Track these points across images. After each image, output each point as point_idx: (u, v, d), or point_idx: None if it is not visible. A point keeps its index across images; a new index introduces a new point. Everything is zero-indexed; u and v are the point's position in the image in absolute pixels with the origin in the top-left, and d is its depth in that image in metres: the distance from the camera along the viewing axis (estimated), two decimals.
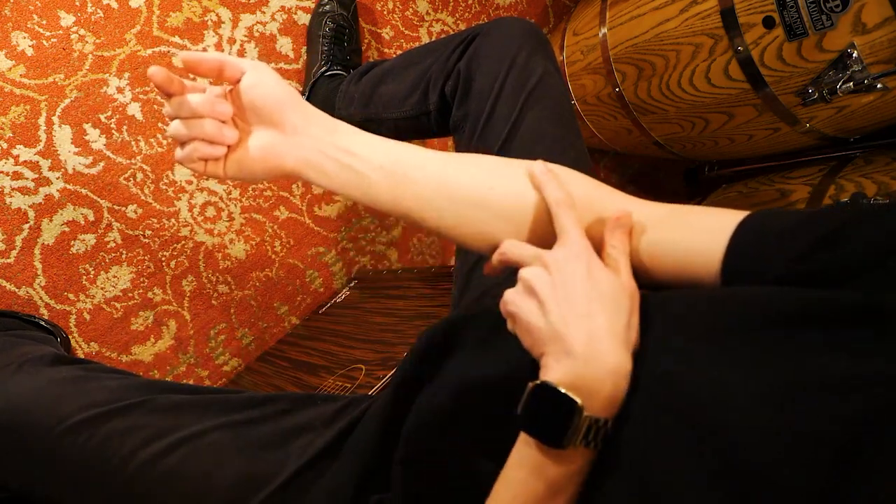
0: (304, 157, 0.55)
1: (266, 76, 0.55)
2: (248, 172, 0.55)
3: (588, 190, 0.56)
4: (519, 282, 0.48)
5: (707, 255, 0.46)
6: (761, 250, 0.44)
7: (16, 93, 1.09)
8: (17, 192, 1.10)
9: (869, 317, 0.35)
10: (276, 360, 1.25)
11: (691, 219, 0.50)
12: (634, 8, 1.22)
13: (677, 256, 0.49)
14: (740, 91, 1.11)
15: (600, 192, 0.56)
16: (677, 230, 0.50)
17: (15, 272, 1.11)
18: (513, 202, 0.54)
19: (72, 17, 1.13)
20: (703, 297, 0.45)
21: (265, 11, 1.29)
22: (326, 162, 0.54)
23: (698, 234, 0.48)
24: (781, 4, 0.98)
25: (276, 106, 0.54)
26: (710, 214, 0.49)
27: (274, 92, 0.54)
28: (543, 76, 0.82)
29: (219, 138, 0.53)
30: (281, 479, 0.60)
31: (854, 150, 1.25)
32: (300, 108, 0.55)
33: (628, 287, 0.46)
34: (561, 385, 0.41)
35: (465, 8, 1.50)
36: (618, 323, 0.43)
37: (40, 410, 0.57)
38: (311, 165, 0.55)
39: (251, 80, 0.54)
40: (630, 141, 1.43)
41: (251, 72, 0.54)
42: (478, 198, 0.54)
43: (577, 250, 0.47)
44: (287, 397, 0.68)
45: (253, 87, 0.54)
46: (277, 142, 0.55)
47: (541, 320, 0.44)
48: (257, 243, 1.32)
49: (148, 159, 1.20)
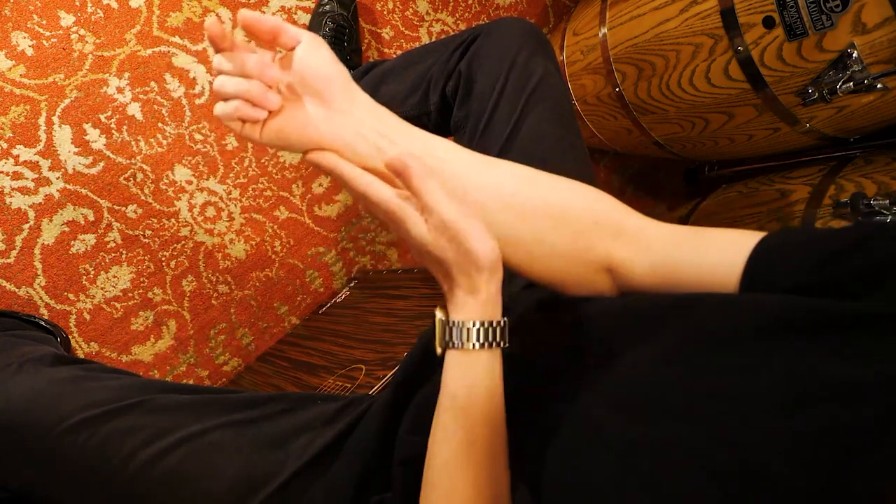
0: (342, 136, 0.55)
1: (322, 51, 0.54)
2: (283, 141, 0.55)
3: (604, 207, 0.56)
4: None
5: (726, 274, 0.47)
6: (779, 264, 0.44)
7: (16, 93, 1.09)
8: (17, 192, 1.10)
9: (872, 324, 0.36)
10: (276, 360, 1.25)
11: (711, 238, 0.51)
12: (634, 8, 1.22)
13: (698, 275, 0.49)
14: (740, 91, 1.11)
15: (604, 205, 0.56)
16: (696, 250, 0.50)
17: (15, 272, 1.11)
18: (536, 206, 0.55)
19: (72, 17, 1.13)
20: (708, 302, 0.45)
21: (265, 11, 1.29)
22: (363, 144, 0.55)
23: (717, 253, 0.48)
24: (781, 4, 0.98)
25: (325, 82, 0.54)
26: (728, 234, 0.50)
27: (326, 68, 0.54)
28: (544, 77, 0.82)
29: (262, 102, 0.53)
30: (281, 479, 0.60)
31: (854, 150, 1.25)
32: (348, 88, 0.55)
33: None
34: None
35: (465, 8, 1.50)
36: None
37: (40, 410, 0.57)
38: (347, 145, 0.55)
39: (306, 52, 0.54)
40: (630, 141, 1.43)
41: (307, 44, 0.54)
42: (505, 201, 0.55)
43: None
44: (287, 397, 0.68)
45: (306, 60, 0.54)
46: (319, 117, 0.55)
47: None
48: (257, 243, 1.32)
49: (148, 159, 1.20)
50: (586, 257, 0.55)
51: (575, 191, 0.56)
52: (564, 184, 0.57)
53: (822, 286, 0.40)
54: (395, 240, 1.47)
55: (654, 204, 1.91)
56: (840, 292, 0.39)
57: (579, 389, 0.48)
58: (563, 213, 0.54)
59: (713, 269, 0.48)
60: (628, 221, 0.55)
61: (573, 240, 0.54)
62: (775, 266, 0.44)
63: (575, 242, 0.54)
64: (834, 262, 0.41)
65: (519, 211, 0.54)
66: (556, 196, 0.55)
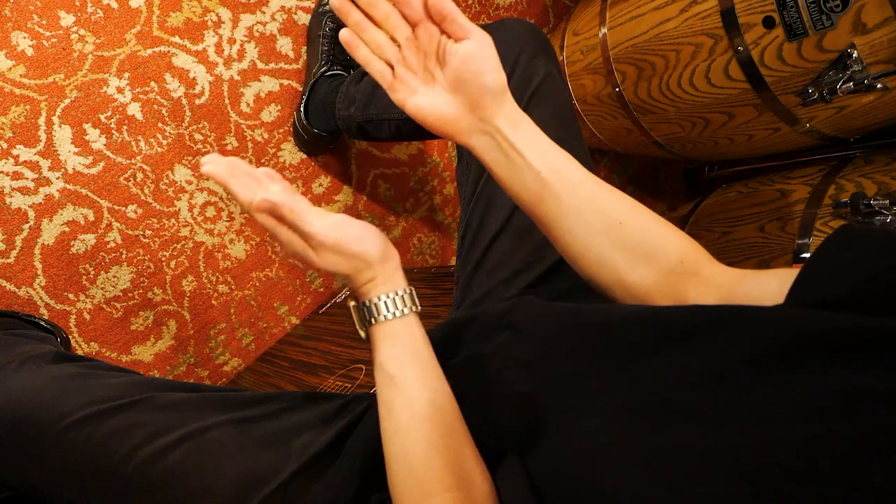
0: (475, 136, 0.57)
1: (490, 53, 0.55)
2: (422, 118, 0.57)
3: (692, 248, 0.58)
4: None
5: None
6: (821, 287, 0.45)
7: (16, 93, 1.09)
8: (17, 192, 1.10)
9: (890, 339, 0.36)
10: (276, 360, 1.25)
11: (773, 272, 0.52)
12: (634, 8, 1.22)
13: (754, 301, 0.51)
14: (740, 91, 1.11)
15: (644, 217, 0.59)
16: (758, 282, 0.52)
17: (15, 272, 1.10)
18: (636, 240, 0.57)
19: (72, 17, 1.13)
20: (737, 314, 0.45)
21: (265, 11, 1.29)
22: (493, 149, 0.57)
23: (775, 284, 0.50)
24: (781, 4, 0.98)
25: (481, 89, 0.55)
26: (790, 272, 0.51)
27: (488, 75, 0.55)
28: (546, 78, 0.82)
29: (416, 70, 0.57)
30: (282, 477, 0.60)
31: (854, 150, 1.26)
32: (499, 99, 0.56)
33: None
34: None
35: (465, 8, 1.50)
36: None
37: (42, 407, 0.57)
38: (478, 144, 0.58)
39: (474, 50, 0.54)
40: (630, 141, 1.43)
41: (477, 41, 0.54)
42: (611, 230, 0.57)
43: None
44: (288, 395, 0.68)
45: (472, 58, 0.54)
46: (460, 115, 0.57)
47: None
48: (257, 243, 1.31)
49: (148, 159, 1.20)
50: (665, 290, 0.57)
51: (670, 229, 0.59)
52: (662, 223, 0.59)
53: (861, 298, 0.41)
54: (396, 240, 1.47)
55: (654, 204, 1.91)
56: (878, 305, 0.39)
57: (599, 393, 0.48)
58: (658, 250, 0.57)
59: (765, 297, 0.49)
60: (708, 266, 0.57)
61: (659, 273, 0.57)
62: (818, 286, 0.45)
63: (660, 276, 0.57)
64: (870, 281, 0.41)
65: (621, 241, 0.57)
66: (654, 232, 0.57)
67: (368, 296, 0.57)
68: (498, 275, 0.78)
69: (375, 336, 0.56)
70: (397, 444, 0.52)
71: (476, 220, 0.82)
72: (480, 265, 0.80)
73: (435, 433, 0.52)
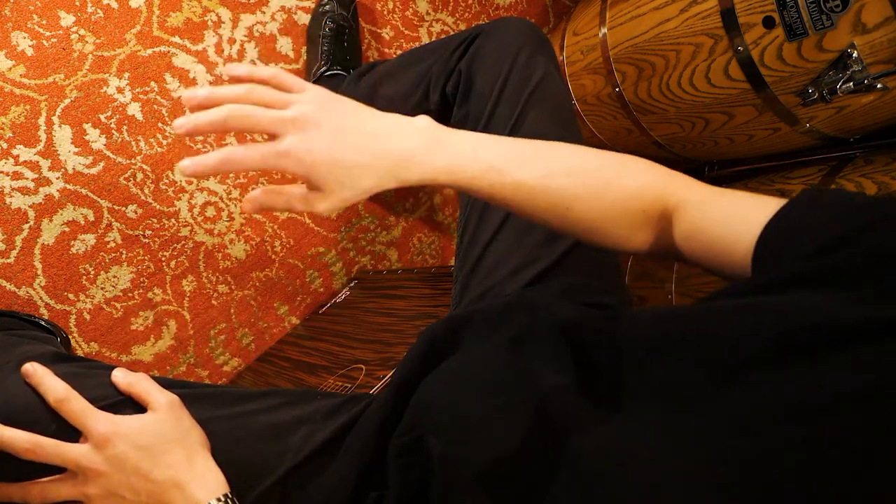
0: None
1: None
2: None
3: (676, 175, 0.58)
4: None
5: (739, 243, 0.48)
6: (784, 245, 0.45)
7: (16, 93, 1.09)
8: (17, 192, 1.10)
9: (868, 333, 0.36)
10: (276, 360, 1.25)
11: (731, 201, 0.53)
12: (634, 8, 1.22)
13: (710, 240, 0.52)
14: (740, 91, 1.11)
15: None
16: (714, 214, 0.52)
17: (15, 272, 1.11)
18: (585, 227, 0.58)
19: (72, 17, 1.13)
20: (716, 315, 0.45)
21: (265, 11, 1.29)
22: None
23: (743, 213, 0.50)
24: (781, 4, 0.98)
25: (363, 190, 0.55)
26: (746, 200, 0.51)
27: (356, 185, 0.55)
28: (545, 77, 0.82)
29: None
30: (280, 471, 0.60)
31: (854, 150, 1.25)
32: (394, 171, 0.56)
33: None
34: None
35: (465, 8, 1.50)
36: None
37: (40, 407, 0.57)
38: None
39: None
40: (630, 141, 1.43)
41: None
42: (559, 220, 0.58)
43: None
44: (286, 392, 0.68)
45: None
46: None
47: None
48: (257, 243, 1.31)
49: (148, 159, 1.20)
50: (641, 205, 0.57)
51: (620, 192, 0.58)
52: (611, 187, 0.58)
53: (819, 274, 0.41)
54: (396, 240, 1.47)
55: None
56: (835, 283, 0.39)
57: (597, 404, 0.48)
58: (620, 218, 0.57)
59: (726, 240, 0.50)
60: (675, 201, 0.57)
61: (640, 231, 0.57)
62: (781, 247, 0.46)
63: (644, 234, 0.57)
64: (832, 250, 0.41)
65: (571, 228, 0.58)
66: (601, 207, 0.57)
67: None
68: (496, 273, 0.78)
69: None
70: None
71: (474, 220, 0.82)
72: (479, 264, 0.80)
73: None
